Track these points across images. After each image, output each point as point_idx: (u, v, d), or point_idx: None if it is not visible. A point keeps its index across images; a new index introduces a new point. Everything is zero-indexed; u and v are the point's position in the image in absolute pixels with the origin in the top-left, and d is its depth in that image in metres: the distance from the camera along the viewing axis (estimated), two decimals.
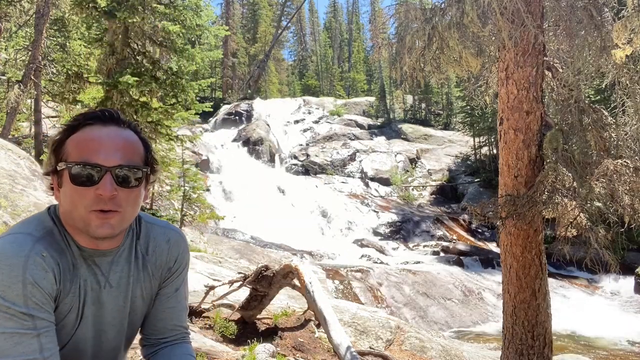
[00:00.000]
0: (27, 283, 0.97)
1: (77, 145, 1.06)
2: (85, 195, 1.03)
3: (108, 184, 1.03)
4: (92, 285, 1.11)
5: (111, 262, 1.15)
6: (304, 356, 4.64)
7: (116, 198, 1.04)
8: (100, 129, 1.07)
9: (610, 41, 3.81)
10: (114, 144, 1.06)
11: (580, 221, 4.14)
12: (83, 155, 1.04)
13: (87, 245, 1.10)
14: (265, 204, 18.32)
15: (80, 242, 1.09)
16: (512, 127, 4.49)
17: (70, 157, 1.05)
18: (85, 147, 1.05)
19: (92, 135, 1.06)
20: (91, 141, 1.05)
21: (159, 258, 1.23)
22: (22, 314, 0.96)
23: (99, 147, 1.05)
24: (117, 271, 1.16)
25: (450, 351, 5.65)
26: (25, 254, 0.99)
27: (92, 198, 1.03)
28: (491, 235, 17.72)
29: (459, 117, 28.69)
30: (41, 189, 7.32)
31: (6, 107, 12.75)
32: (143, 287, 1.21)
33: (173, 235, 1.27)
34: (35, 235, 1.04)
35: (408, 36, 4.82)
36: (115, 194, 1.04)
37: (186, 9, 11.28)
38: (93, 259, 1.12)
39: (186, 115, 11.13)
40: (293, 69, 57.82)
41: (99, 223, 1.04)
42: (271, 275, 4.99)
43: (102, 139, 1.06)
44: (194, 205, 12.52)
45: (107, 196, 1.03)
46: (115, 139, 1.07)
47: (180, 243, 1.28)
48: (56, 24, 14.96)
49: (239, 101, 36.59)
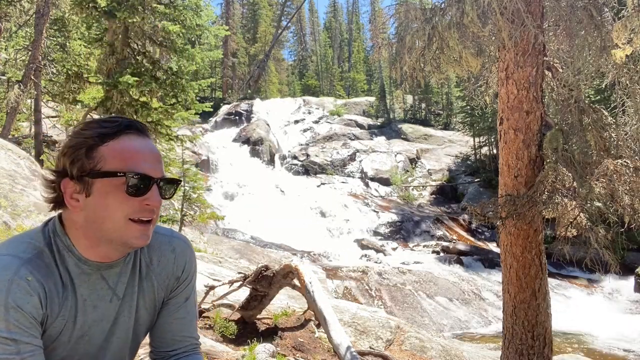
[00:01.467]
0: (10, 307, 0.94)
1: (120, 154, 1.03)
2: (130, 205, 1.03)
3: (157, 195, 1.05)
4: (95, 302, 1.08)
5: (119, 274, 1.13)
6: (304, 356, 4.64)
7: (156, 208, 1.07)
8: (138, 140, 1.07)
9: (610, 41, 3.81)
10: (155, 156, 1.08)
11: (580, 221, 4.14)
12: (130, 165, 1.03)
13: (97, 259, 1.07)
14: (265, 204, 18.33)
15: (90, 256, 1.06)
16: (512, 127, 4.50)
17: (108, 164, 1.02)
18: (131, 156, 1.04)
19: (136, 146, 1.06)
20: (136, 151, 1.05)
21: (165, 269, 1.21)
22: (5, 338, 0.93)
23: (144, 158, 1.05)
24: (124, 282, 1.14)
25: (450, 351, 5.65)
26: (9, 277, 0.95)
27: (136, 207, 1.03)
28: (491, 235, 17.72)
29: (459, 117, 28.70)
30: (41, 189, 7.33)
31: (6, 107, 12.75)
32: (147, 297, 1.18)
33: (178, 245, 1.24)
34: (23, 257, 1.00)
35: (408, 36, 4.82)
36: (160, 205, 1.07)
37: (186, 9, 11.27)
38: (100, 273, 1.09)
39: (186, 115, 11.13)
40: (293, 69, 57.82)
41: (138, 234, 1.04)
42: (271, 275, 4.99)
43: (145, 150, 1.07)
44: (194, 205, 12.51)
45: (156, 207, 1.06)
46: (154, 151, 1.09)
47: (186, 252, 1.25)
48: (56, 24, 14.96)
49: (239, 101, 36.60)
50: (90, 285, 1.08)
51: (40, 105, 14.46)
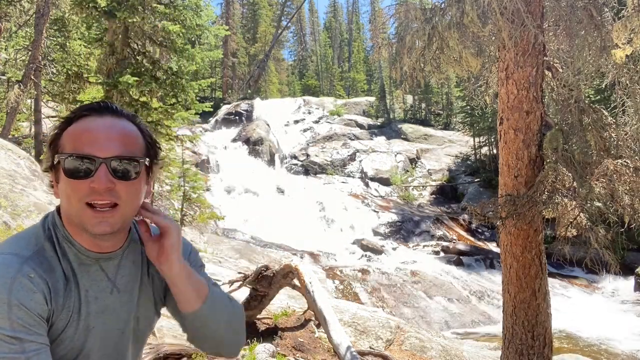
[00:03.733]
0: (13, 305, 0.93)
1: (71, 137, 1.02)
2: (80, 188, 1.00)
3: (103, 176, 0.99)
4: (97, 293, 1.08)
5: (118, 266, 1.11)
6: (304, 356, 4.64)
7: (113, 190, 1.00)
8: (95, 120, 1.03)
9: (610, 41, 3.81)
10: (110, 134, 1.02)
11: (580, 221, 4.14)
12: (77, 147, 1.01)
13: (90, 247, 1.06)
14: (265, 204, 18.33)
15: (84, 244, 1.06)
16: (512, 127, 4.50)
17: (65, 150, 1.02)
18: (79, 138, 1.01)
19: (87, 126, 1.03)
20: (86, 132, 1.02)
21: None
22: (9, 337, 0.92)
23: (94, 138, 1.01)
24: (125, 274, 1.12)
25: (450, 351, 5.65)
26: (12, 275, 0.95)
27: (86, 190, 0.99)
28: (491, 235, 17.72)
29: (459, 117, 28.70)
30: (41, 189, 7.32)
31: (6, 107, 12.75)
32: (151, 290, 1.18)
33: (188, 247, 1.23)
34: (24, 255, 1.00)
35: (408, 36, 4.82)
36: (112, 186, 1.00)
37: (186, 8, 11.28)
38: (99, 264, 1.08)
39: (186, 115, 11.13)
40: (293, 69, 57.83)
41: (94, 221, 1.00)
42: (271, 275, 4.99)
43: (97, 129, 1.02)
44: (194, 205, 12.52)
45: (102, 188, 0.99)
46: (111, 130, 1.03)
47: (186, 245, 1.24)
48: (56, 24, 14.96)
49: (239, 101, 36.58)
50: (91, 276, 1.07)
51: (40, 105, 14.46)
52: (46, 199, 7.09)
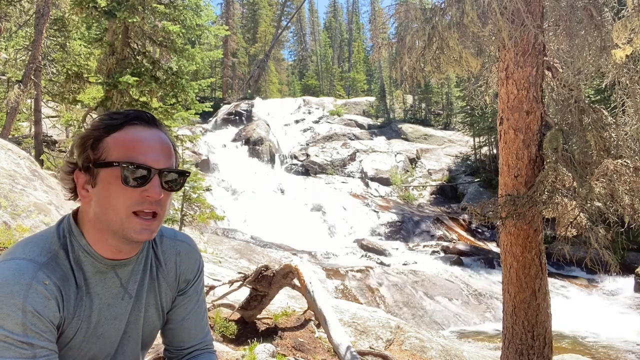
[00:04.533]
0: (27, 311, 0.94)
1: (122, 145, 1.02)
2: (130, 196, 1.01)
3: (157, 186, 1.02)
4: (109, 300, 1.08)
5: (131, 272, 1.13)
6: (304, 356, 4.64)
7: (160, 201, 1.03)
8: (144, 130, 1.05)
9: (610, 41, 3.81)
10: (160, 146, 1.05)
11: (580, 221, 4.14)
12: (130, 155, 1.01)
13: (110, 255, 1.06)
14: (266, 204, 18.33)
15: (103, 253, 1.06)
16: (512, 127, 4.50)
17: (112, 155, 1.02)
18: (133, 147, 1.02)
19: (139, 136, 1.04)
20: (139, 142, 1.03)
21: (171, 271, 1.21)
22: (21, 342, 0.93)
23: (147, 149, 1.03)
24: (137, 280, 1.14)
25: (450, 351, 5.65)
26: (27, 282, 0.96)
27: (136, 199, 1.01)
28: (491, 235, 17.72)
29: (459, 117, 28.70)
30: (41, 189, 7.32)
31: (6, 107, 12.75)
32: (155, 297, 1.19)
33: (183, 248, 1.24)
34: (39, 261, 1.00)
35: (408, 36, 4.82)
36: (161, 197, 1.03)
37: (186, 8, 11.28)
38: (115, 271, 1.09)
39: (186, 115, 11.13)
40: (293, 69, 57.83)
41: (139, 228, 1.02)
42: (271, 275, 4.99)
43: (149, 140, 1.04)
44: (194, 205, 12.52)
45: (155, 198, 1.01)
46: (160, 142, 1.06)
47: (191, 254, 1.26)
48: (56, 24, 14.95)
49: (239, 101, 36.59)
50: (105, 284, 1.08)
51: (40, 105, 14.45)
52: (46, 199, 7.10)
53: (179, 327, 1.25)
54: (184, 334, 1.25)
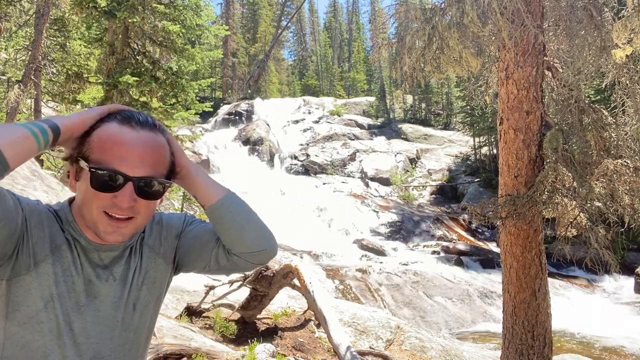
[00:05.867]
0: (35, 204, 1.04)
1: (102, 145, 1.01)
2: (102, 198, 1.01)
3: (127, 195, 1.00)
4: (90, 276, 1.08)
5: (118, 257, 1.13)
6: (304, 356, 4.64)
7: (134, 207, 1.02)
8: (131, 133, 1.02)
9: (610, 41, 3.81)
10: (142, 153, 1.02)
11: (580, 221, 4.14)
12: (107, 158, 1.00)
13: (94, 239, 1.08)
14: (265, 203, 18.32)
15: (88, 235, 1.07)
16: (512, 127, 4.50)
17: (93, 154, 1.01)
18: (112, 150, 1.00)
19: (121, 139, 1.01)
20: (118, 145, 1.01)
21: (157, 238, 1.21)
22: None
23: (126, 155, 1.00)
24: (122, 263, 1.13)
25: (450, 351, 5.65)
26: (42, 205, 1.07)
27: (107, 202, 1.01)
28: (491, 235, 17.71)
29: (459, 117, 28.70)
30: (41, 189, 7.32)
31: (6, 107, 12.74)
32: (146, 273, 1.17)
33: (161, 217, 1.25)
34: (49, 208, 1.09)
35: (408, 36, 4.82)
36: (134, 204, 1.01)
37: (186, 8, 11.28)
38: (99, 253, 1.09)
39: (186, 115, 11.13)
40: (293, 69, 57.83)
41: (109, 229, 1.02)
42: (271, 275, 4.99)
43: (131, 145, 1.01)
44: (194, 205, 12.52)
45: (125, 206, 1.00)
46: (145, 147, 1.03)
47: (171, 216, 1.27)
48: (56, 24, 14.95)
49: (239, 101, 36.60)
50: (88, 259, 1.08)
51: (40, 105, 14.45)
52: (46, 199, 7.09)
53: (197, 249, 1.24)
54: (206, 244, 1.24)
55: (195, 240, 1.24)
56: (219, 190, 1.21)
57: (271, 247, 1.26)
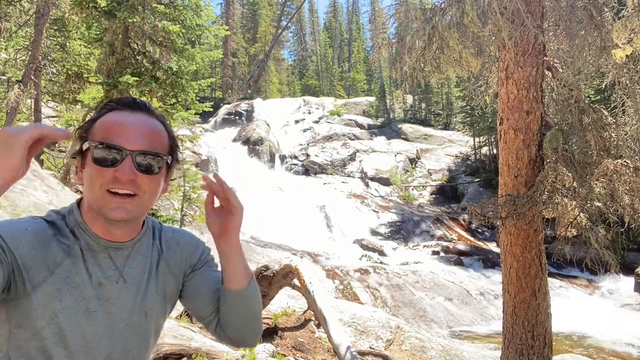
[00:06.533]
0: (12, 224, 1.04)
1: (103, 127, 1.08)
2: (104, 175, 1.04)
3: (127, 167, 1.04)
4: (101, 279, 1.09)
5: (127, 257, 1.14)
6: (304, 356, 4.64)
7: (135, 182, 1.05)
8: (127, 115, 1.10)
9: (610, 41, 3.81)
10: (139, 129, 1.08)
11: (580, 221, 4.14)
12: (107, 136, 1.06)
13: (103, 235, 1.10)
14: (265, 203, 18.32)
15: (97, 231, 1.10)
16: (512, 127, 4.50)
17: (96, 138, 1.07)
18: (111, 128, 1.07)
19: (119, 119, 1.09)
20: (117, 124, 1.08)
21: (172, 258, 1.23)
22: None
23: (124, 130, 1.07)
24: (133, 266, 1.14)
25: (450, 351, 5.65)
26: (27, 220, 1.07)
27: (109, 178, 1.04)
28: (491, 235, 17.71)
29: (459, 117, 28.71)
30: (41, 189, 7.32)
31: (6, 107, 12.74)
32: (158, 284, 1.19)
33: (182, 238, 1.28)
34: (47, 219, 1.09)
35: (408, 36, 4.82)
36: (134, 177, 1.05)
37: (186, 8, 11.28)
38: (108, 252, 1.11)
39: (186, 115, 11.13)
40: (293, 69, 57.83)
41: (113, 205, 1.05)
42: (271, 275, 5.00)
43: (128, 123, 1.08)
44: (194, 205, 12.52)
45: (125, 179, 1.04)
46: (141, 125, 1.09)
47: (191, 242, 1.29)
48: (56, 24, 14.94)
49: (239, 101, 36.60)
50: (97, 262, 1.10)
51: (40, 105, 14.44)
52: (46, 199, 7.10)
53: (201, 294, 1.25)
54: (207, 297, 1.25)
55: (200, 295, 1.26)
56: (247, 275, 1.22)
57: (256, 343, 1.32)
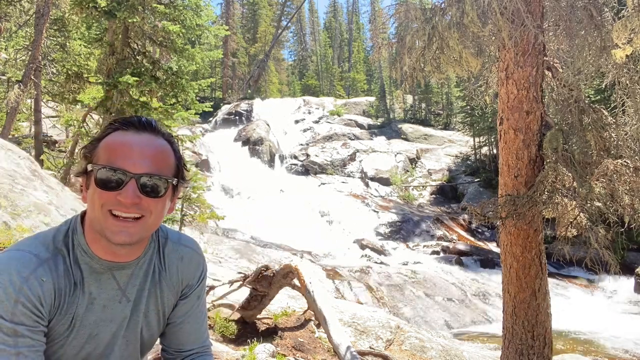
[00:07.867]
0: (19, 302, 0.97)
1: (107, 148, 1.05)
2: (107, 198, 1.02)
3: (130, 191, 1.01)
4: (105, 302, 1.09)
5: (130, 276, 1.13)
6: (304, 356, 4.64)
7: (140, 204, 1.03)
8: (132, 135, 1.06)
9: (610, 41, 3.81)
10: (144, 151, 1.05)
11: (580, 221, 4.13)
12: (111, 158, 1.03)
13: (105, 256, 1.08)
14: (265, 203, 18.33)
15: (100, 253, 1.07)
16: (512, 127, 4.50)
17: (100, 160, 1.04)
18: (114, 151, 1.04)
19: (124, 140, 1.05)
20: (121, 145, 1.04)
21: (174, 276, 1.21)
22: (7, 328, 0.95)
23: (128, 153, 1.04)
24: (136, 284, 1.14)
25: (450, 351, 5.65)
26: (26, 275, 0.99)
27: (112, 200, 1.02)
28: (491, 235, 17.72)
29: (459, 117, 28.70)
30: (41, 189, 7.32)
31: (6, 107, 12.74)
32: (157, 301, 1.18)
33: (186, 253, 1.24)
34: (42, 257, 1.03)
35: (408, 36, 4.81)
36: (138, 201, 1.02)
37: (186, 8, 11.28)
38: (112, 273, 1.09)
39: (186, 115, 11.13)
40: (293, 69, 57.82)
41: (115, 229, 1.02)
42: (271, 275, 4.99)
43: (133, 144, 1.05)
44: (194, 205, 12.51)
45: (128, 202, 1.01)
46: (146, 147, 1.06)
47: (194, 259, 1.26)
48: (56, 24, 14.94)
49: (239, 101, 36.59)
50: (101, 284, 1.09)
51: (40, 105, 14.44)
52: (46, 199, 7.10)
53: (178, 329, 1.25)
54: (184, 337, 1.25)
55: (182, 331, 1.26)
56: None
57: None
